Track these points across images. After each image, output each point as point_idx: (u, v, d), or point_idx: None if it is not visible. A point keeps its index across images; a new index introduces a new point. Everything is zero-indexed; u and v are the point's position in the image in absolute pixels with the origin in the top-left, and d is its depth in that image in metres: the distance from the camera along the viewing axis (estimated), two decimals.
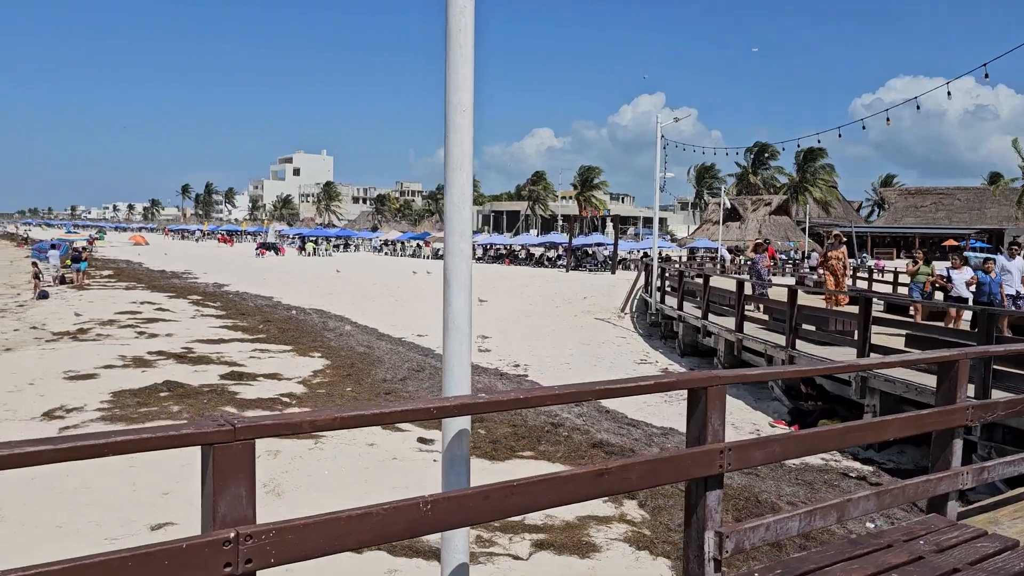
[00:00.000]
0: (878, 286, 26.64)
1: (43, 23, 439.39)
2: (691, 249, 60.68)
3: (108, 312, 22.05)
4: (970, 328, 12.15)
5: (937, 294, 15.58)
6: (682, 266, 30.28)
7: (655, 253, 25.60)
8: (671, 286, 21.58)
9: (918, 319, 14.76)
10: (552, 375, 14.83)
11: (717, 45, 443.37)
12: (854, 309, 11.98)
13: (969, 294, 13.18)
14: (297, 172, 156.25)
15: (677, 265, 31.59)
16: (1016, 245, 13.69)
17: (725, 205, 54.60)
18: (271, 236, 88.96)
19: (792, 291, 12.85)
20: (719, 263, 39.70)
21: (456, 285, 3.14)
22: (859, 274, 29.60)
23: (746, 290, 15.43)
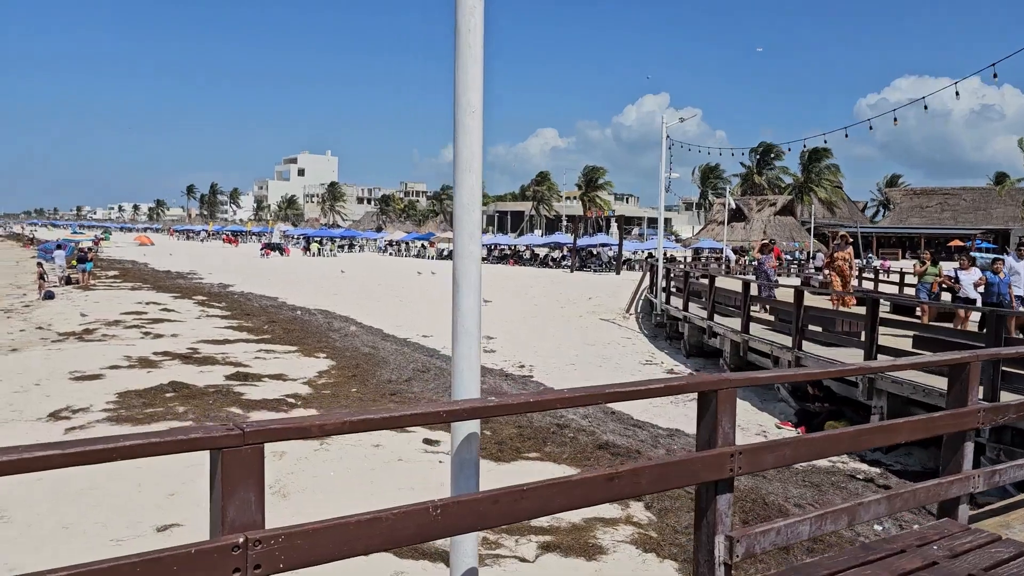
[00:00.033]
0: (884, 287, 26.55)
1: (48, 23, 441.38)
2: (695, 250, 60.57)
3: (113, 312, 22.08)
4: (978, 329, 12.09)
5: (945, 295, 15.52)
6: (687, 267, 30.21)
7: (660, 254, 25.53)
8: (676, 287, 21.53)
9: (925, 320, 14.70)
10: (557, 376, 14.80)
11: (722, 46, 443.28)
12: (861, 310, 11.93)
13: (977, 295, 13.13)
14: (302, 172, 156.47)
15: (682, 266, 31.52)
16: None
17: (730, 205, 54.50)
18: (276, 236, 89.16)
19: (799, 292, 12.80)
20: (724, 263, 39.62)
21: (465, 287, 3.12)
22: (864, 275, 29.51)
23: (752, 291, 15.38)
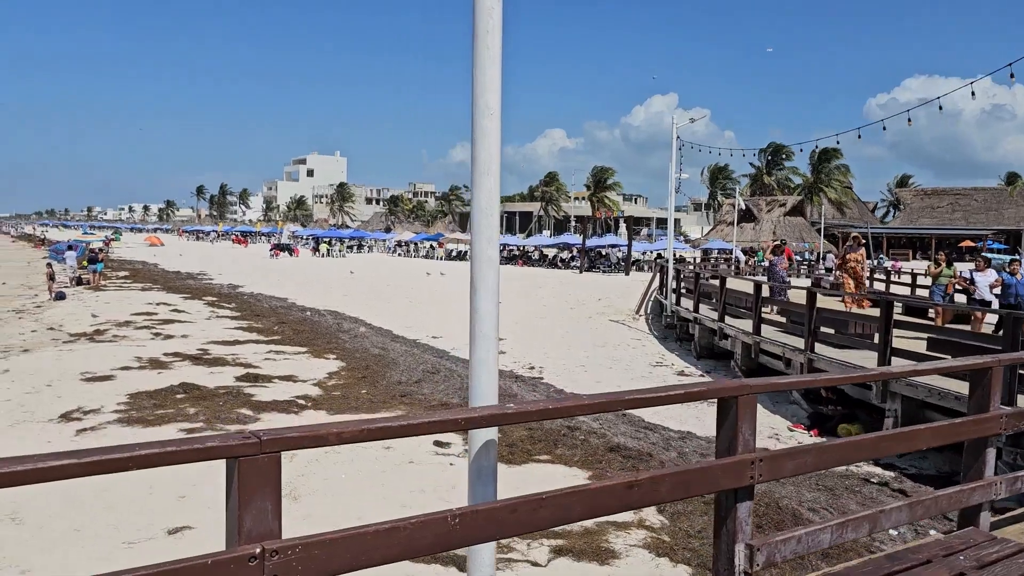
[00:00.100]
0: (895, 288, 26.36)
1: (53, 23, 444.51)
2: (705, 250, 60.36)
3: (124, 313, 22.17)
4: (994, 331, 11.97)
5: (959, 297, 15.38)
6: (697, 267, 30.08)
7: (670, 254, 25.40)
8: (687, 288, 21.42)
9: (939, 322, 14.58)
10: (567, 378, 14.75)
11: (729, 46, 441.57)
12: (874, 312, 11.83)
13: (992, 297, 13.01)
14: (311, 173, 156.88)
15: (692, 266, 31.40)
16: None
17: (739, 206, 54.19)
18: (285, 237, 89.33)
19: (811, 293, 12.71)
20: (733, 264, 39.46)
21: (483, 291, 3.08)
22: (876, 275, 29.32)
23: (763, 292, 15.28)
